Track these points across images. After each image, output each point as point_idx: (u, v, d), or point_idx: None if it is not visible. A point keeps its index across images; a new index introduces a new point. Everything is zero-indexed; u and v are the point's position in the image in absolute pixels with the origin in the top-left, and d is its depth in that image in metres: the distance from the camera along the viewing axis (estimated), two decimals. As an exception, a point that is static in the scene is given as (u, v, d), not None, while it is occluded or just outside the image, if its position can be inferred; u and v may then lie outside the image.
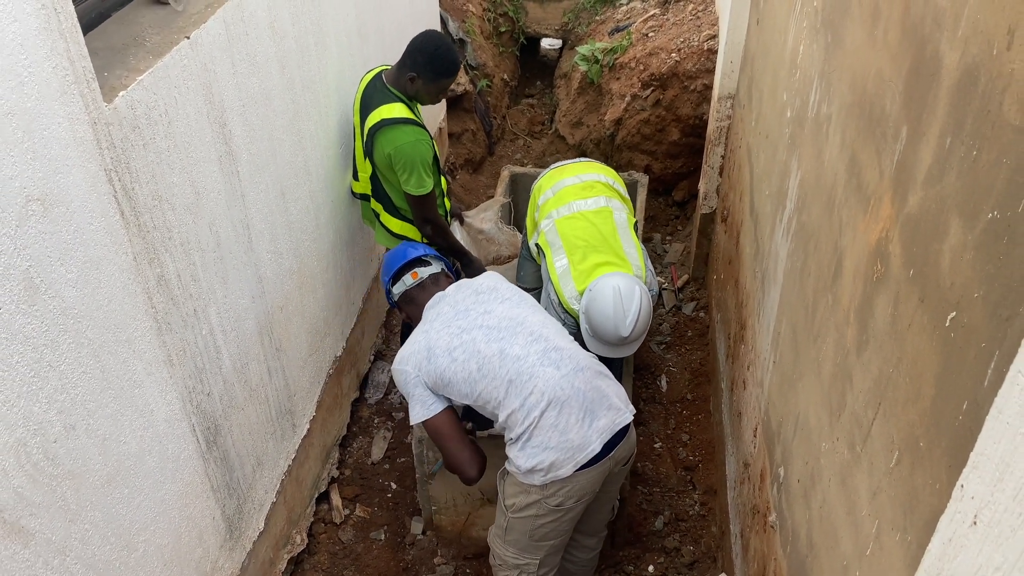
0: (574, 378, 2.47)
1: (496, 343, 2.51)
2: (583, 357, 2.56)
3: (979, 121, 1.18)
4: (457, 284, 2.77)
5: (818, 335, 2.05)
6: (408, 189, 3.25)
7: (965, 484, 0.94)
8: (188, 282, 2.35)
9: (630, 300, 2.93)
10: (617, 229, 3.26)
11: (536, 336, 2.54)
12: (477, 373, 2.49)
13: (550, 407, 2.43)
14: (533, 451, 2.44)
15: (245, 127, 2.62)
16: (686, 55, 4.98)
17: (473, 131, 6.08)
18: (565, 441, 2.42)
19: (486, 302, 2.64)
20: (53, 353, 1.79)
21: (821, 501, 1.90)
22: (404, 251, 2.92)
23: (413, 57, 3.22)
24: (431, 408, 2.55)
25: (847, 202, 1.87)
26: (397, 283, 2.84)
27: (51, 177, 1.74)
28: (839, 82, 2.04)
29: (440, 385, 2.53)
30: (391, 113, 3.20)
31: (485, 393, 2.49)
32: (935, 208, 1.33)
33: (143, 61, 2.12)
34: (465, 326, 2.56)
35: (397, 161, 3.21)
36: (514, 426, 2.47)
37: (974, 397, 1.14)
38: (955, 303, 1.22)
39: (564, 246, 3.22)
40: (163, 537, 2.31)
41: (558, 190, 3.43)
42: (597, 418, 2.47)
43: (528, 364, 2.47)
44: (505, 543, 2.69)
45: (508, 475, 2.58)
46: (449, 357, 2.51)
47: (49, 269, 1.76)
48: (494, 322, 2.56)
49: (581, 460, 2.44)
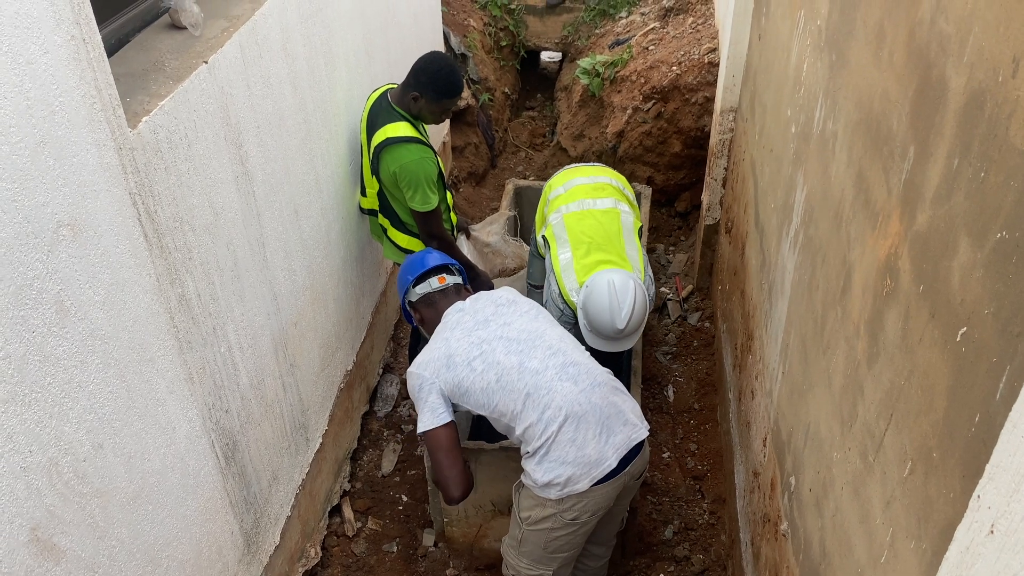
0: (591, 393, 2.50)
1: (515, 355, 2.54)
2: (600, 372, 2.60)
3: (986, 144, 1.23)
4: (475, 296, 2.79)
5: (828, 347, 2.09)
6: (413, 206, 3.32)
7: (982, 495, 0.99)
8: (207, 301, 2.39)
9: (624, 293, 3.02)
10: (623, 230, 3.34)
11: (554, 350, 2.57)
12: (496, 384, 2.52)
13: (567, 422, 2.46)
14: (550, 465, 2.47)
15: (260, 147, 2.67)
16: (687, 68, 5.04)
17: (476, 144, 6.14)
18: (582, 456, 2.45)
19: (505, 314, 2.67)
20: (83, 374, 1.83)
21: (834, 510, 1.94)
22: (429, 256, 2.95)
23: (417, 77, 3.30)
24: (439, 417, 2.55)
25: (855, 218, 1.92)
26: (421, 284, 2.85)
27: (80, 203, 1.79)
28: (845, 100, 2.09)
29: (457, 394, 2.56)
30: (396, 132, 3.26)
31: (502, 405, 2.52)
32: (944, 226, 1.38)
33: (164, 86, 2.17)
34: (485, 337, 2.59)
35: (402, 179, 3.27)
36: (531, 440, 2.50)
37: (986, 410, 1.18)
38: (965, 319, 1.27)
39: (570, 240, 3.30)
40: (185, 553, 2.35)
41: (570, 187, 3.50)
42: (614, 433, 2.50)
43: (546, 378, 2.50)
44: (519, 554, 2.73)
45: (524, 488, 2.61)
46: (468, 367, 2.54)
47: (78, 292, 1.80)
48: (514, 334, 2.60)
49: (597, 475, 2.47)
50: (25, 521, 1.67)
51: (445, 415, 2.56)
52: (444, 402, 2.58)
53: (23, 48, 1.58)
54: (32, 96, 1.61)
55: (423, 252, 3.00)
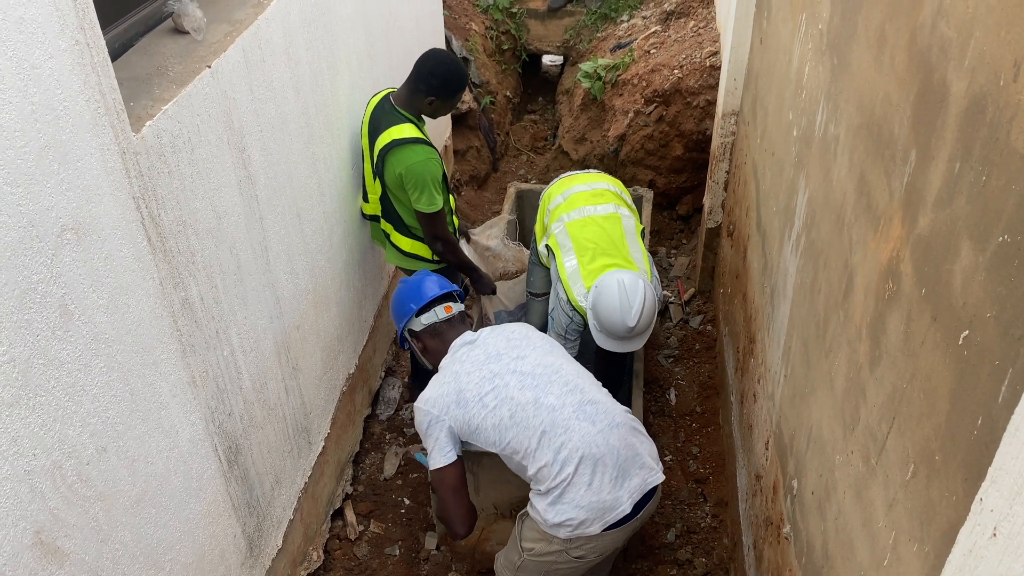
0: (609, 435, 2.41)
1: (531, 391, 2.44)
2: (619, 412, 2.51)
3: (987, 148, 1.23)
4: (490, 329, 2.69)
5: (830, 350, 2.10)
6: (419, 207, 3.32)
7: (984, 497, 0.99)
8: (211, 304, 2.39)
9: (635, 292, 3.01)
10: (625, 235, 3.34)
11: (572, 387, 2.48)
12: (509, 420, 2.42)
13: (584, 464, 2.37)
14: (563, 508, 2.38)
15: (263, 152, 2.68)
16: (688, 71, 5.05)
17: (477, 148, 6.15)
18: (596, 501, 2.37)
19: (519, 347, 2.57)
20: (86, 377, 1.84)
21: (836, 513, 1.94)
22: (431, 282, 2.80)
23: (428, 81, 3.29)
24: (447, 456, 2.49)
25: (857, 221, 1.92)
26: (426, 313, 2.73)
27: (84, 207, 1.80)
28: (846, 104, 2.09)
29: (467, 432, 2.48)
30: (401, 133, 3.27)
31: (515, 442, 2.42)
32: (946, 230, 1.39)
33: (167, 91, 2.18)
34: (498, 371, 2.49)
35: (408, 180, 3.27)
36: (544, 480, 2.40)
37: (988, 413, 1.18)
38: (968, 322, 1.27)
39: (574, 247, 3.30)
40: (188, 556, 2.35)
41: (568, 196, 3.50)
42: (629, 477, 2.42)
43: (563, 416, 2.40)
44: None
45: (529, 519, 2.52)
46: (480, 403, 2.45)
47: (82, 296, 1.81)
48: (528, 368, 2.50)
49: (610, 520, 2.40)
50: (29, 524, 1.67)
51: (452, 453, 2.50)
52: (452, 440, 2.50)
53: (28, 53, 1.59)
54: (36, 100, 1.62)
55: (422, 278, 2.86)
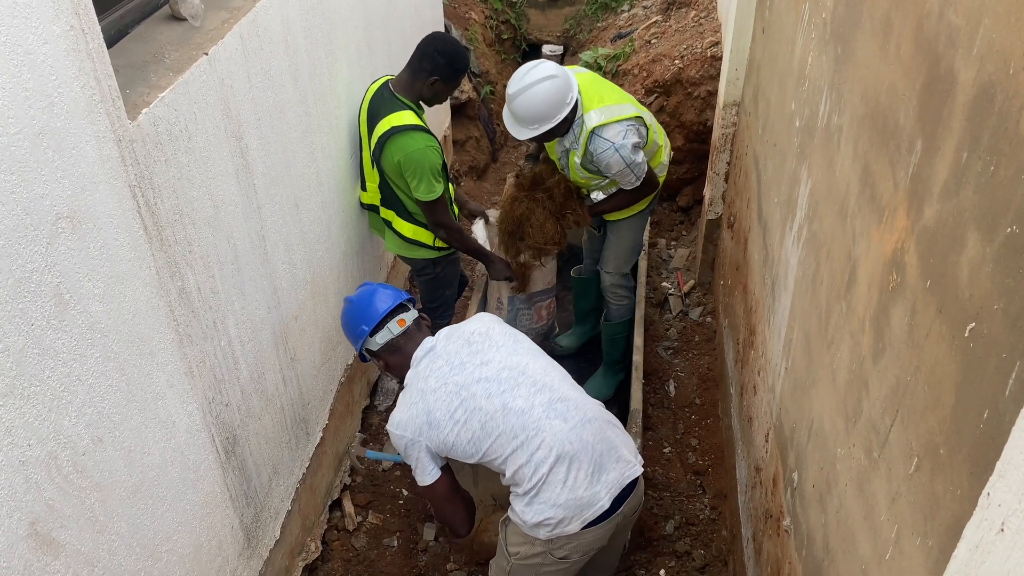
0: (582, 430, 2.37)
1: (498, 397, 2.39)
2: (591, 407, 2.46)
3: (996, 138, 1.21)
4: (447, 332, 2.60)
5: (832, 342, 2.08)
6: (419, 195, 3.30)
7: (992, 492, 0.97)
8: (208, 294, 2.38)
9: (533, 72, 3.22)
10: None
11: (540, 386, 2.42)
12: (480, 432, 2.37)
13: (559, 462, 2.33)
14: (540, 507, 2.35)
15: (261, 140, 2.66)
16: (689, 62, 5.02)
17: (477, 138, 6.12)
18: (574, 499, 2.33)
19: (481, 352, 2.49)
20: (82, 367, 1.82)
21: (838, 506, 1.93)
22: (379, 298, 2.66)
23: (432, 61, 3.28)
24: (431, 474, 2.47)
25: (860, 212, 1.90)
26: (380, 332, 2.59)
27: (79, 195, 1.77)
28: (850, 94, 2.07)
29: (443, 450, 2.44)
30: (401, 121, 3.25)
31: (490, 451, 2.38)
32: (952, 221, 1.37)
33: (164, 78, 2.15)
34: (462, 382, 2.42)
35: (407, 167, 3.25)
36: (521, 482, 2.37)
37: (995, 406, 1.17)
38: (974, 314, 1.26)
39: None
40: (185, 547, 2.34)
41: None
42: (606, 472, 2.38)
43: (533, 417, 2.36)
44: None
45: (511, 523, 2.49)
46: (451, 421, 2.39)
47: (78, 285, 1.79)
48: (492, 373, 2.43)
49: (589, 517, 2.36)
50: (24, 515, 1.66)
51: (436, 470, 2.47)
52: (432, 457, 2.46)
53: (21, 38, 1.56)
54: (31, 87, 1.59)
55: (368, 293, 2.69)
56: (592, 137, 3.30)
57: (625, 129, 3.28)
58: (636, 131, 3.33)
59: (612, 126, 3.28)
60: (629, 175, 3.37)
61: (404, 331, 2.59)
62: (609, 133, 3.27)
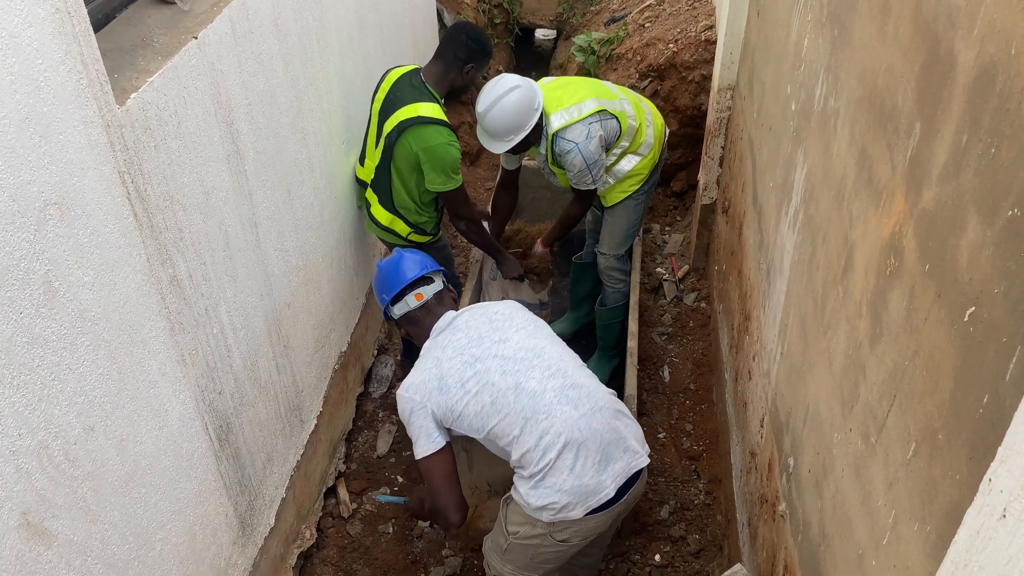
0: (592, 419, 2.36)
1: (511, 376, 2.39)
2: (602, 396, 2.45)
3: (997, 119, 1.20)
4: (471, 308, 2.64)
5: (828, 327, 2.07)
6: (433, 187, 3.31)
7: (993, 478, 0.97)
8: (199, 282, 2.35)
9: (499, 87, 3.31)
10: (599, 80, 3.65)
11: (554, 371, 2.42)
12: (491, 407, 2.37)
13: (567, 448, 2.32)
14: (545, 492, 2.34)
15: (252, 126, 2.63)
16: (683, 46, 4.99)
17: (470, 123, 6.08)
18: (579, 486, 2.33)
19: (500, 330, 2.50)
20: (72, 356, 1.80)
21: (834, 491, 1.93)
22: (403, 268, 2.69)
23: (468, 48, 3.33)
24: (435, 442, 2.43)
25: (857, 196, 1.89)
26: (398, 303, 2.67)
27: (67, 181, 1.75)
28: (847, 76, 2.05)
29: (450, 418, 2.43)
30: (428, 112, 3.24)
31: (498, 428, 2.38)
32: (952, 204, 1.35)
33: (152, 62, 2.12)
34: (479, 355, 2.43)
35: (426, 161, 3.25)
36: (528, 465, 2.36)
37: (995, 391, 1.16)
38: (974, 298, 1.25)
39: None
40: (179, 535, 2.33)
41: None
42: (613, 461, 2.38)
43: (545, 401, 2.35)
44: (503, 560, 2.63)
45: (513, 503, 2.49)
46: (462, 390, 2.39)
47: (67, 272, 1.76)
48: (510, 352, 2.44)
49: (593, 504, 2.35)
50: (15, 505, 1.64)
51: (440, 440, 2.44)
52: (437, 426, 2.44)
53: (5, 21, 1.53)
54: (15, 71, 1.56)
55: (394, 262, 2.73)
56: (556, 140, 3.44)
57: (587, 128, 3.40)
58: (600, 125, 3.43)
59: (573, 127, 3.41)
60: (587, 175, 3.49)
61: (422, 304, 2.64)
62: (571, 134, 3.41)
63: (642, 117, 3.63)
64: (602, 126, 3.44)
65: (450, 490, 2.47)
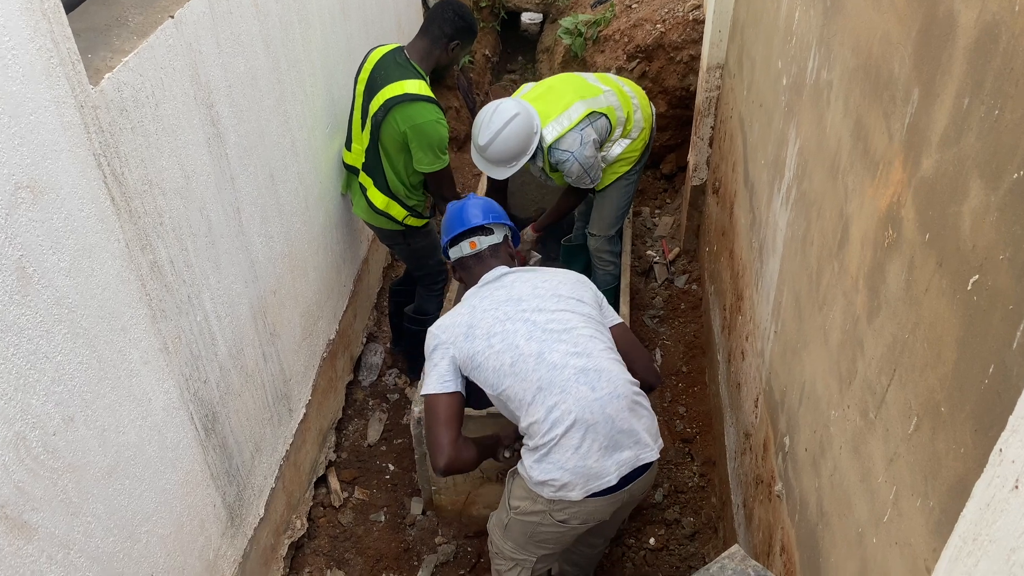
0: (607, 404, 2.32)
1: (536, 343, 2.38)
2: (623, 384, 2.39)
3: (1001, 80, 1.16)
4: (525, 269, 2.63)
5: (824, 303, 2.04)
6: (421, 167, 3.25)
7: (1004, 448, 0.93)
8: (181, 268, 2.30)
9: (499, 115, 3.30)
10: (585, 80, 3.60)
11: (580, 349, 2.39)
12: (509, 368, 2.36)
13: (575, 427, 2.30)
14: (548, 467, 2.32)
15: (232, 108, 2.56)
16: (671, 26, 4.94)
17: (456, 108, 6.01)
18: (582, 467, 2.30)
19: (542, 298, 2.49)
20: (48, 344, 1.75)
21: (832, 469, 1.89)
22: (466, 214, 2.72)
23: (453, 24, 3.27)
24: (444, 385, 2.41)
25: (853, 168, 1.85)
26: (454, 247, 2.72)
27: (40, 163, 1.69)
28: (840, 47, 2.01)
29: (469, 367, 2.42)
30: (415, 89, 3.17)
31: (510, 391, 2.37)
32: (952, 170, 1.32)
33: (127, 42, 2.06)
34: (511, 315, 2.44)
35: (413, 138, 3.18)
36: (534, 436, 2.34)
37: (1002, 360, 1.12)
38: (978, 266, 1.21)
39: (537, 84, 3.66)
40: (165, 527, 2.28)
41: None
42: (621, 449, 2.34)
43: (563, 376, 2.33)
44: (504, 536, 2.62)
45: (518, 477, 2.47)
46: (487, 343, 2.40)
47: (41, 258, 1.71)
48: (542, 321, 2.42)
49: (594, 488, 2.32)
50: (-8, 498, 1.59)
51: (451, 384, 2.42)
52: (454, 371, 2.44)
53: (-31, -5, 1.47)
54: (-19, 47, 1.50)
55: (462, 206, 2.76)
56: (551, 152, 3.44)
57: (579, 134, 3.42)
58: (592, 128, 3.45)
59: (565, 137, 3.41)
60: (585, 178, 3.53)
61: (475, 253, 2.68)
62: (565, 144, 3.42)
63: (629, 106, 3.60)
64: (594, 128, 3.46)
65: (441, 433, 2.38)
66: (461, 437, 2.42)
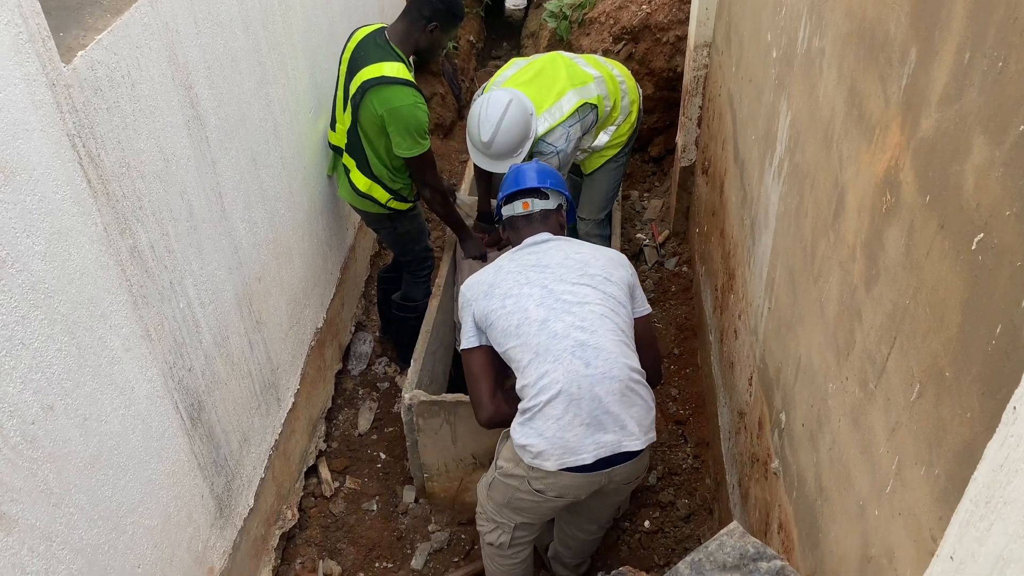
0: (597, 383, 2.32)
1: (545, 310, 2.41)
2: (620, 366, 2.36)
3: (1004, 30, 1.12)
4: (564, 239, 2.67)
5: (819, 275, 2.00)
6: (400, 152, 3.19)
7: (1018, 406, 0.89)
8: (162, 253, 2.24)
9: (495, 107, 3.26)
10: (574, 63, 3.51)
11: (586, 324, 2.38)
12: (514, 330, 2.41)
13: (558, 398, 2.30)
14: (529, 431, 2.35)
15: (212, 90, 2.50)
16: (657, 6, 4.89)
17: (442, 95, 5.96)
18: (560, 438, 2.31)
19: (567, 268, 2.51)
20: (24, 330, 1.69)
21: (830, 443, 1.86)
22: (523, 175, 2.79)
23: (432, 6, 3.19)
24: (469, 340, 2.53)
25: (847, 135, 1.81)
26: (508, 205, 2.77)
27: (10, 143, 1.63)
28: (832, 12, 1.97)
29: (484, 324, 2.50)
30: (392, 71, 3.10)
31: (512, 352, 2.42)
32: (954, 128, 1.28)
33: (101, 20, 2.00)
34: (531, 280, 2.49)
35: (391, 123, 3.12)
36: (525, 398, 2.38)
37: (1009, 319, 1.09)
38: (982, 224, 1.17)
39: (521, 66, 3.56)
40: (152, 518, 2.23)
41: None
42: (603, 431, 2.33)
43: (560, 346, 2.35)
44: (488, 496, 2.68)
45: (509, 438, 2.49)
46: (500, 303, 2.46)
47: (15, 241, 1.65)
48: (559, 290, 2.45)
49: (568, 463, 2.32)
50: (-32, 489, 1.54)
51: (474, 339, 2.52)
52: (475, 326, 2.53)
53: (-70, -36, 1.41)
54: (-55, 20, 1.44)
55: (522, 168, 2.83)
56: (538, 143, 3.43)
57: (566, 131, 3.41)
58: (579, 125, 3.44)
59: (554, 131, 3.40)
60: (560, 171, 3.48)
61: (526, 214, 2.72)
62: (552, 138, 3.41)
63: (617, 93, 3.57)
64: (581, 125, 3.45)
65: (477, 388, 2.53)
66: (499, 390, 2.53)
